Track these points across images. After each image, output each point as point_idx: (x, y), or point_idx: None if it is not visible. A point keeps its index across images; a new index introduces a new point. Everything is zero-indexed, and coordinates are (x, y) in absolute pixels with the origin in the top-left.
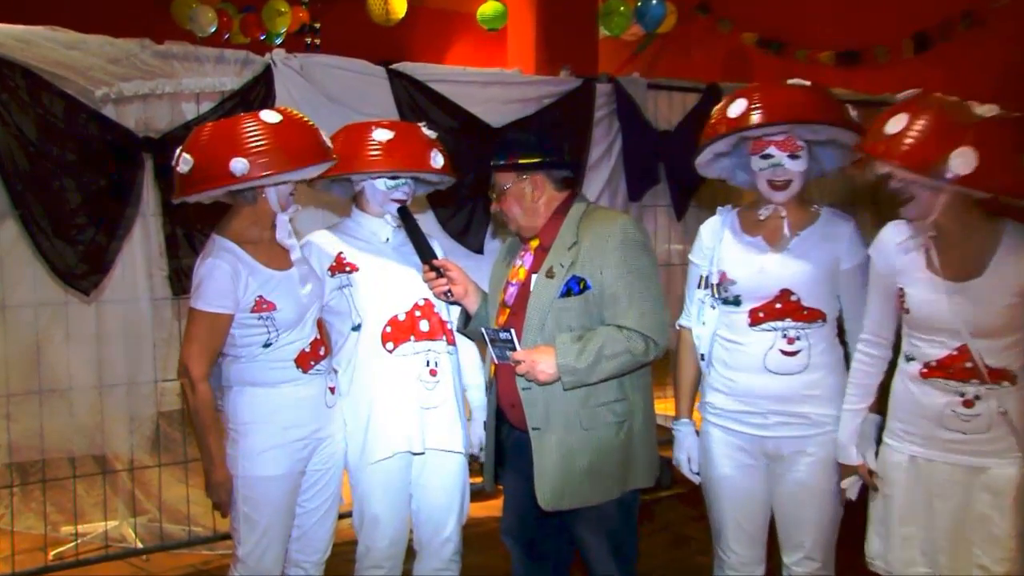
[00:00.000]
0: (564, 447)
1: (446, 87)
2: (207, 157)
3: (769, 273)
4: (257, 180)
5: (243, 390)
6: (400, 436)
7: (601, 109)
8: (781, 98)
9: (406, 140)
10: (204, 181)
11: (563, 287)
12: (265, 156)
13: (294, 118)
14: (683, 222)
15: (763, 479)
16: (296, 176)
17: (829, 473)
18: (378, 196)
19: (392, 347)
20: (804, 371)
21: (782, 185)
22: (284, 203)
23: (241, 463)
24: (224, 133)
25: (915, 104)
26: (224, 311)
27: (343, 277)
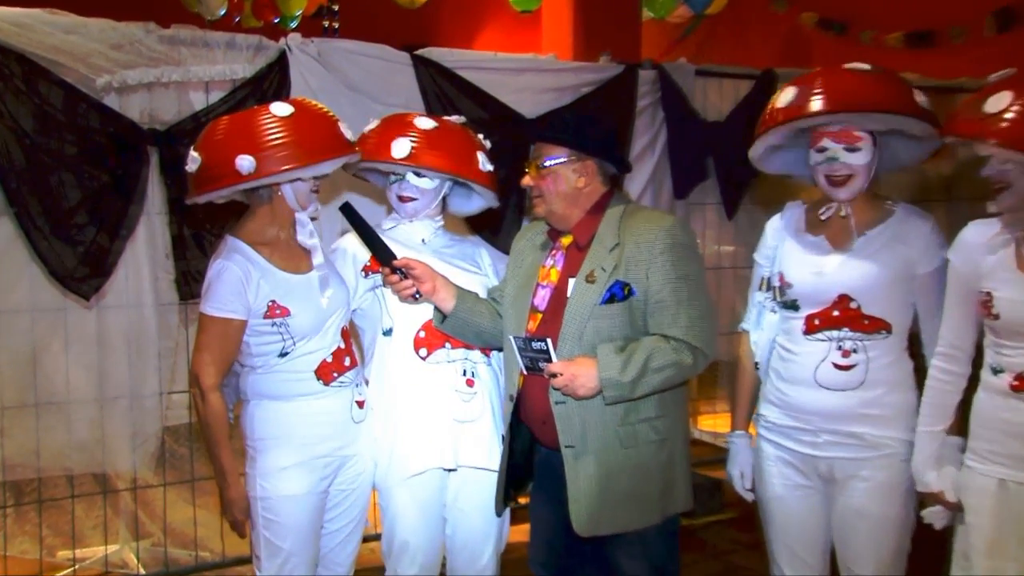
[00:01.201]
0: (602, 468)
1: (475, 74)
2: (214, 155)
3: (827, 276)
4: (266, 178)
5: (260, 404)
6: (432, 451)
7: (644, 98)
8: (834, 85)
9: (378, 129)
10: (211, 181)
11: (606, 293)
12: (274, 152)
13: (308, 109)
14: (734, 222)
15: (819, 502)
16: (308, 172)
17: (891, 500)
18: (389, 195)
19: (426, 353)
20: (859, 387)
21: (841, 181)
22: (303, 201)
23: (259, 483)
24: (231, 129)
25: (1017, 81)
26: (234, 316)
27: (377, 277)
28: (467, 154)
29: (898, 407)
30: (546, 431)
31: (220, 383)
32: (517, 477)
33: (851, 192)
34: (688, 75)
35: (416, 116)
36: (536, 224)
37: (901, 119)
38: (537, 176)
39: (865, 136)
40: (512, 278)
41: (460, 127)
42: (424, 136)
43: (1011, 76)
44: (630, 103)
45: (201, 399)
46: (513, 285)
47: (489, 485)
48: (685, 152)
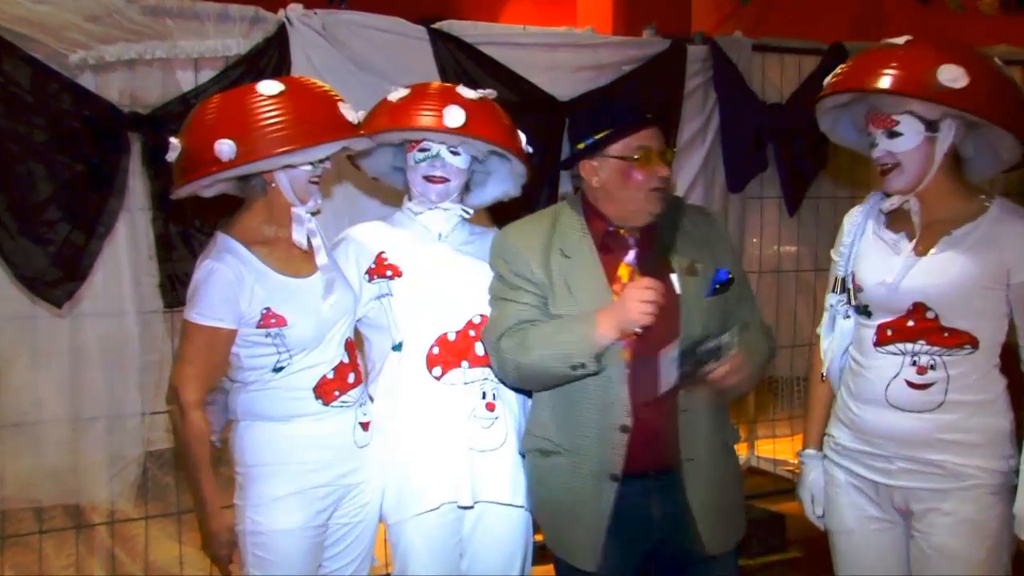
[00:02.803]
0: (713, 478)
1: (502, 51)
2: (193, 141)
3: (899, 282)
4: (250, 164)
5: (251, 425)
6: (445, 485)
7: (695, 77)
8: (866, 60)
9: (416, 98)
10: (190, 170)
11: (713, 284)
12: (258, 134)
13: (301, 87)
14: (797, 218)
15: (897, 538)
16: (299, 158)
17: (978, 540)
18: (412, 175)
19: (440, 373)
20: (938, 409)
21: (888, 171)
22: (302, 193)
23: (249, 515)
24: (212, 111)
25: None
26: (223, 325)
27: (383, 283)
28: (513, 130)
29: (986, 432)
30: (654, 450)
31: (203, 400)
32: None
33: (903, 183)
34: (745, 50)
35: (454, 86)
36: (537, 223)
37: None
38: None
39: (904, 119)
40: (565, 293)
41: (494, 102)
42: (473, 106)
43: None
44: (678, 83)
45: (181, 417)
46: (578, 298)
47: (511, 519)
48: (741, 139)
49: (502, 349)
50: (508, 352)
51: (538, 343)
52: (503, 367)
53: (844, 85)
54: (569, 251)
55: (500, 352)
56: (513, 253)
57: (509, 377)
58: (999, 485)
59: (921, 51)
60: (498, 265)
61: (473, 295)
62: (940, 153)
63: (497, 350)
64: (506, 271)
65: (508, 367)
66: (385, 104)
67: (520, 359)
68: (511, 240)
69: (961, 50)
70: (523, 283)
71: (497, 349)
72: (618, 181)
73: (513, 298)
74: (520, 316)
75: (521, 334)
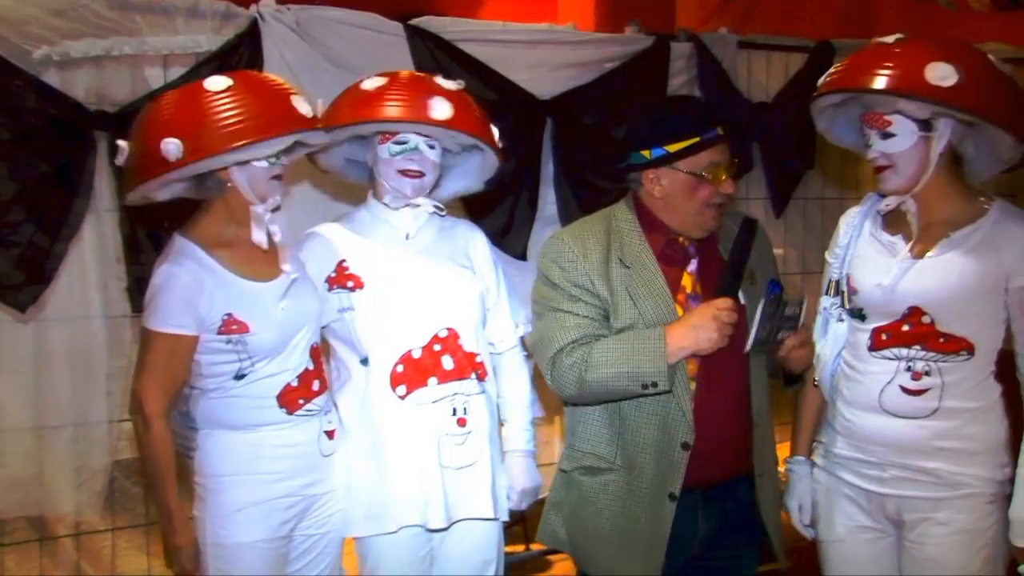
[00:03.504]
0: (777, 491)
1: (481, 48)
2: (140, 143)
3: (895, 284)
4: (199, 163)
5: (212, 434)
6: (415, 508)
7: (679, 75)
8: (858, 59)
9: (396, 87)
10: (139, 172)
11: (769, 293)
12: (204, 131)
13: (249, 80)
14: (784, 219)
15: (888, 548)
16: (248, 154)
17: (973, 550)
18: (386, 169)
19: (404, 392)
20: (933, 416)
21: (880, 171)
22: (261, 191)
23: (210, 527)
24: (158, 111)
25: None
26: (184, 331)
27: (343, 295)
28: (488, 122)
29: (981, 440)
30: (718, 460)
31: (167, 409)
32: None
33: (898, 184)
34: (730, 47)
35: (432, 75)
36: (592, 228)
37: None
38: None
39: (898, 120)
40: (628, 304)
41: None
42: (456, 98)
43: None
44: (662, 81)
45: (144, 428)
46: (642, 309)
47: (482, 532)
48: None
49: (561, 365)
50: (569, 369)
51: (605, 361)
52: (561, 383)
53: (834, 85)
54: (629, 260)
55: (559, 368)
56: (571, 261)
57: (566, 393)
58: (994, 494)
59: (912, 49)
60: (551, 272)
61: (440, 307)
62: (936, 153)
63: (555, 366)
64: (562, 280)
65: (568, 384)
66: (359, 92)
67: (585, 376)
68: (569, 247)
69: (954, 47)
70: (582, 293)
71: (555, 364)
72: (684, 194)
73: (570, 309)
74: (581, 329)
75: (583, 350)
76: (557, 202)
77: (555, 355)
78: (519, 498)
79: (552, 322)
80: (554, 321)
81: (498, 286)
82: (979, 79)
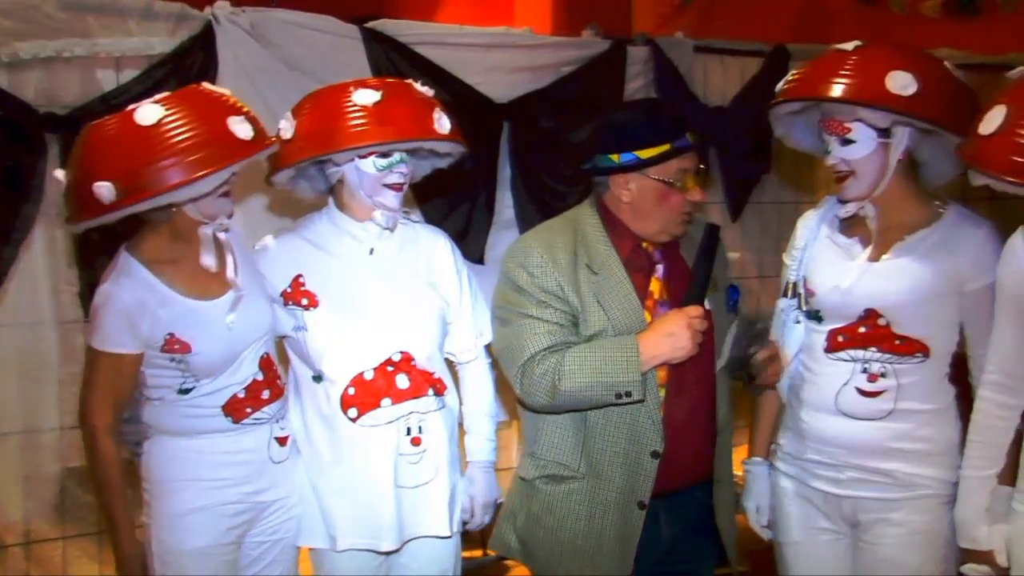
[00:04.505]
0: (733, 497)
1: (438, 51)
2: (74, 180)
3: (852, 287)
4: (132, 206)
5: (159, 440)
6: (364, 530)
7: (635, 79)
8: (818, 66)
9: (400, 100)
10: (76, 210)
11: (730, 299)
12: (137, 175)
13: (182, 108)
14: (740, 223)
15: (845, 549)
16: (183, 194)
17: (928, 550)
18: (368, 183)
19: (356, 414)
20: (887, 417)
21: (841, 178)
22: (209, 211)
23: (155, 532)
24: (89, 147)
25: (1020, 90)
26: (125, 351)
27: (297, 313)
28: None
29: (936, 441)
30: (680, 470)
31: (115, 424)
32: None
33: (858, 191)
34: (686, 52)
35: (409, 81)
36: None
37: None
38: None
39: (857, 127)
40: (597, 311)
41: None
42: (440, 106)
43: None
44: (618, 85)
45: (91, 443)
46: (612, 316)
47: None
48: None
49: (532, 374)
50: (540, 378)
51: (578, 370)
52: (532, 393)
53: (795, 93)
54: (596, 266)
55: (529, 377)
56: (539, 266)
57: (538, 403)
58: (949, 495)
59: (871, 57)
60: (519, 277)
61: (395, 331)
62: (894, 159)
63: (525, 375)
64: (531, 285)
65: (539, 394)
66: (362, 108)
67: (558, 386)
68: (537, 252)
69: (912, 55)
70: (551, 299)
71: (525, 373)
72: (653, 201)
73: (540, 315)
74: (552, 336)
75: (555, 358)
76: (514, 206)
77: (525, 363)
78: (480, 512)
79: (520, 329)
80: (522, 328)
81: (461, 297)
82: (938, 87)
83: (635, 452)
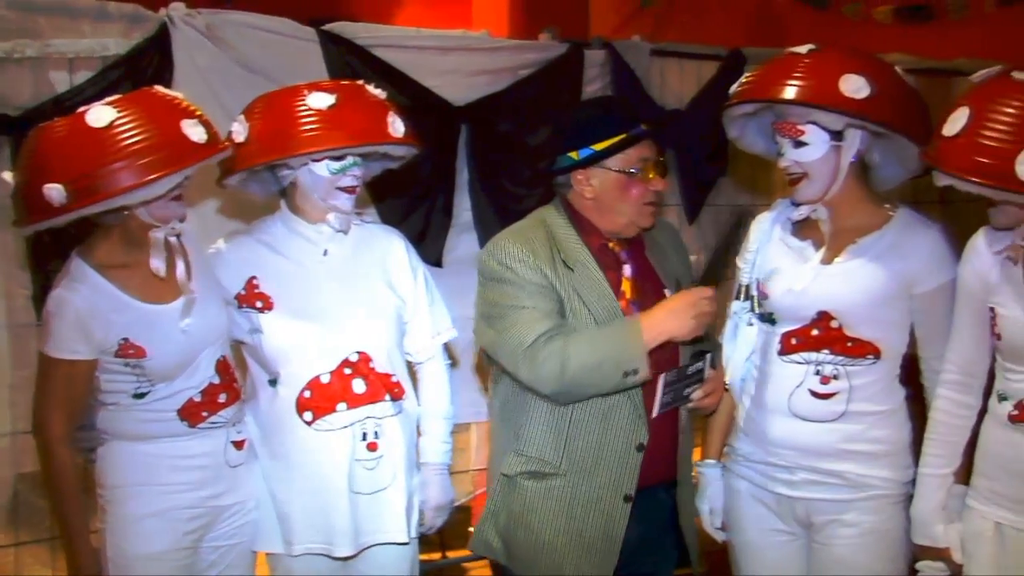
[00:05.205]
0: (691, 500)
1: (395, 54)
2: (23, 183)
3: (805, 289)
4: (83, 209)
5: (113, 444)
6: (318, 535)
7: (593, 82)
8: (771, 69)
9: (354, 104)
10: (26, 213)
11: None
12: (88, 178)
13: (134, 110)
14: (697, 225)
15: (799, 551)
16: (137, 197)
17: (880, 550)
18: (321, 186)
19: (312, 418)
20: (840, 419)
21: (795, 180)
22: (161, 214)
23: (110, 538)
24: (40, 148)
25: (981, 92)
26: (79, 357)
27: (252, 316)
28: None
29: (888, 443)
30: (651, 468)
31: (69, 432)
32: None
33: (811, 193)
34: (643, 55)
35: (362, 83)
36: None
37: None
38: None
39: (810, 129)
40: (578, 305)
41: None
42: (394, 108)
43: (993, 76)
44: (576, 88)
45: (45, 452)
46: (592, 311)
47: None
48: None
49: (538, 357)
50: (547, 360)
51: (585, 350)
52: (541, 377)
53: (749, 95)
54: (571, 262)
55: (536, 361)
56: (523, 260)
57: (547, 388)
58: (900, 495)
59: (824, 61)
60: (504, 274)
61: (351, 332)
62: (846, 162)
63: (532, 360)
64: (519, 278)
65: (548, 377)
66: (316, 113)
67: (566, 366)
68: (518, 247)
69: (865, 60)
70: (542, 289)
71: (532, 359)
72: (616, 193)
73: (534, 305)
74: (551, 320)
75: (559, 342)
76: (472, 209)
77: (528, 349)
78: (433, 515)
79: (516, 320)
80: (519, 318)
81: (417, 295)
82: (890, 91)
83: (620, 446)
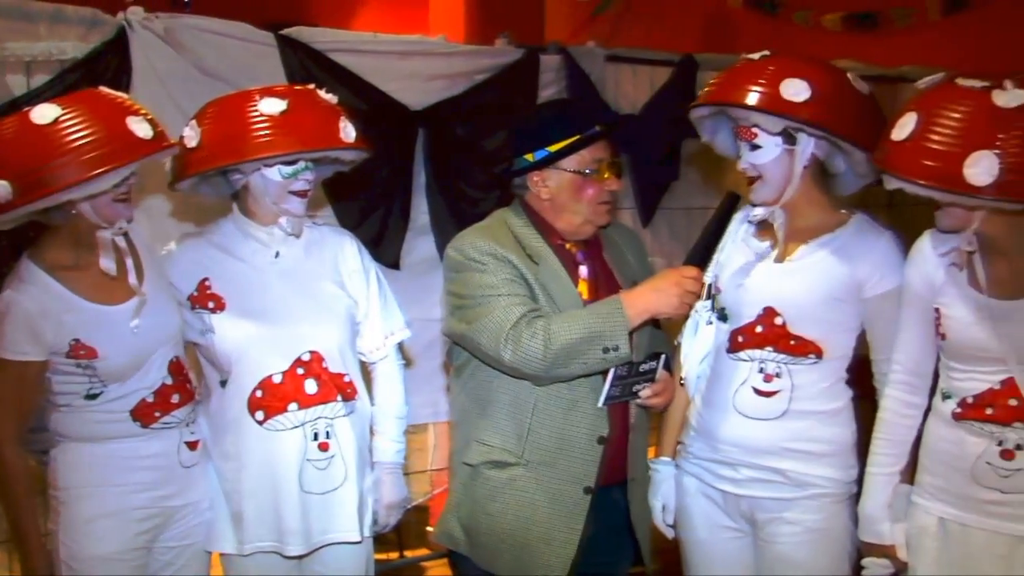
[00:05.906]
0: (644, 497)
1: (353, 59)
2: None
3: (751, 284)
4: (28, 205)
5: (66, 446)
6: (270, 535)
7: (548, 87)
8: (727, 75)
9: (305, 109)
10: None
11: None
12: (33, 173)
13: (78, 107)
14: (651, 228)
15: (747, 547)
16: (83, 191)
17: (822, 548)
18: (273, 190)
19: (263, 417)
20: (782, 417)
21: (751, 181)
22: (108, 214)
23: (63, 539)
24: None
25: (929, 98)
26: (29, 358)
27: (204, 317)
28: None
29: (830, 442)
30: (610, 464)
31: (20, 434)
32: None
33: (765, 195)
34: (598, 61)
35: (313, 88)
36: (496, 229)
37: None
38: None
39: (763, 133)
40: (546, 299)
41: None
42: (345, 113)
43: (938, 83)
44: (531, 92)
45: None
46: (559, 305)
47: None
48: None
49: (521, 337)
50: (531, 339)
51: (568, 327)
52: (524, 358)
53: (704, 99)
54: (536, 257)
55: (521, 342)
56: (492, 253)
57: (533, 367)
58: (842, 494)
59: (772, 66)
60: (474, 265)
61: (303, 331)
62: (799, 165)
63: (516, 341)
64: (490, 270)
65: (533, 356)
66: (268, 118)
67: (550, 344)
68: (485, 241)
69: (812, 65)
70: (515, 277)
71: (515, 340)
72: (571, 194)
73: (510, 291)
74: (528, 304)
75: (542, 321)
76: (429, 212)
77: (513, 329)
78: (385, 513)
79: (495, 306)
80: (497, 304)
81: (369, 295)
82: (831, 95)
83: (582, 438)
